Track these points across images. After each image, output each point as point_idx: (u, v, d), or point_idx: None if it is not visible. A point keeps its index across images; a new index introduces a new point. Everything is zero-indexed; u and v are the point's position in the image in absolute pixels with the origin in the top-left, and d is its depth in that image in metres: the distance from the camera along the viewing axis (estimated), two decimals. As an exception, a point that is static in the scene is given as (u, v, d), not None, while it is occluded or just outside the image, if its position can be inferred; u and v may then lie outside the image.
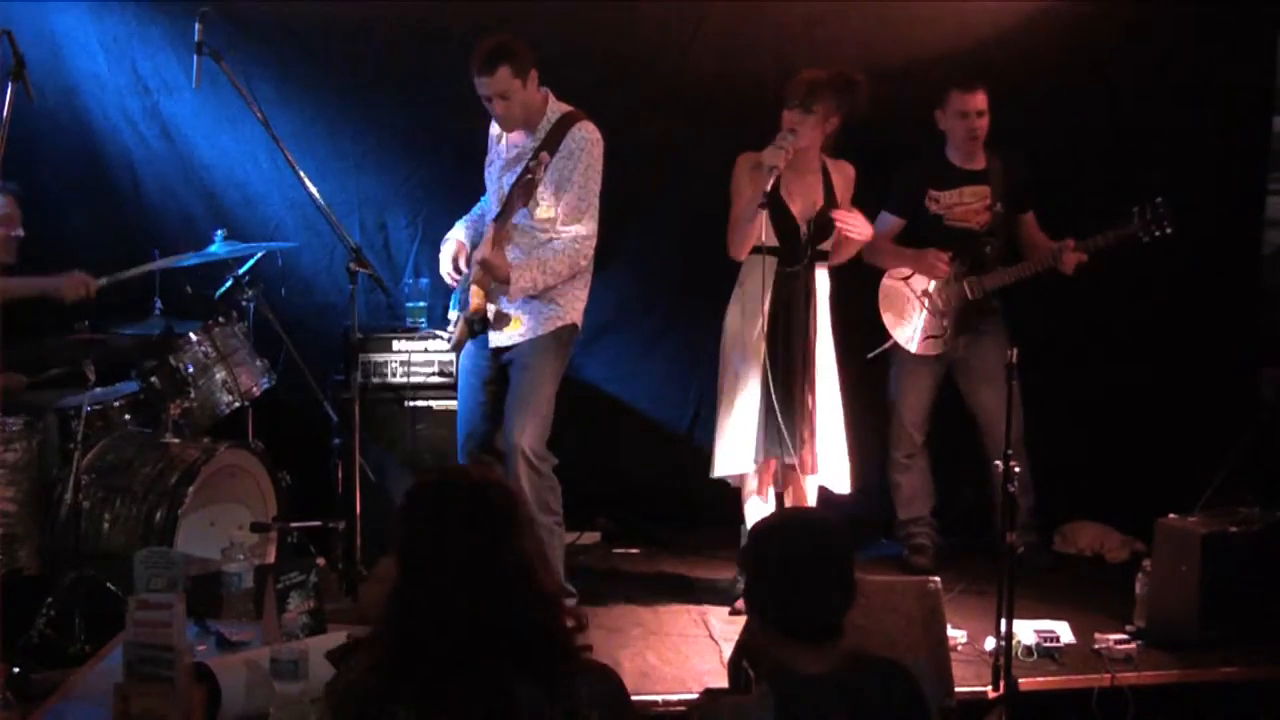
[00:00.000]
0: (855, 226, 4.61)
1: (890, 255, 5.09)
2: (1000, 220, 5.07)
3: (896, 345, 5.12)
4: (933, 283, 5.05)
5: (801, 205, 4.57)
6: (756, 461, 4.60)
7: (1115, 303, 5.46)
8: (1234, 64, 5.49)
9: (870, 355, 5.15)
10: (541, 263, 4.38)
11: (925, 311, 5.05)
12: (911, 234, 5.10)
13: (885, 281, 5.12)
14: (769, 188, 4.39)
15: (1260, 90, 5.57)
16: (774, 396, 4.50)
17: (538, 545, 2.31)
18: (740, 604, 4.63)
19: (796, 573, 2.44)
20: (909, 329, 5.09)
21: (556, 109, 4.45)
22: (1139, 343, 5.55)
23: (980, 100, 4.96)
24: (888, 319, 5.11)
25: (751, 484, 4.68)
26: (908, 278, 5.10)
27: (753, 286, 4.60)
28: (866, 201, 4.86)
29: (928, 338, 5.08)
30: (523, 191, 4.34)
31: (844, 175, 4.71)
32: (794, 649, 2.42)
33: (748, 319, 4.62)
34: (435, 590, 2.21)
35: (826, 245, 4.65)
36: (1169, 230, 4.86)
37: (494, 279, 4.37)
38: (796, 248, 4.54)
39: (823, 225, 4.60)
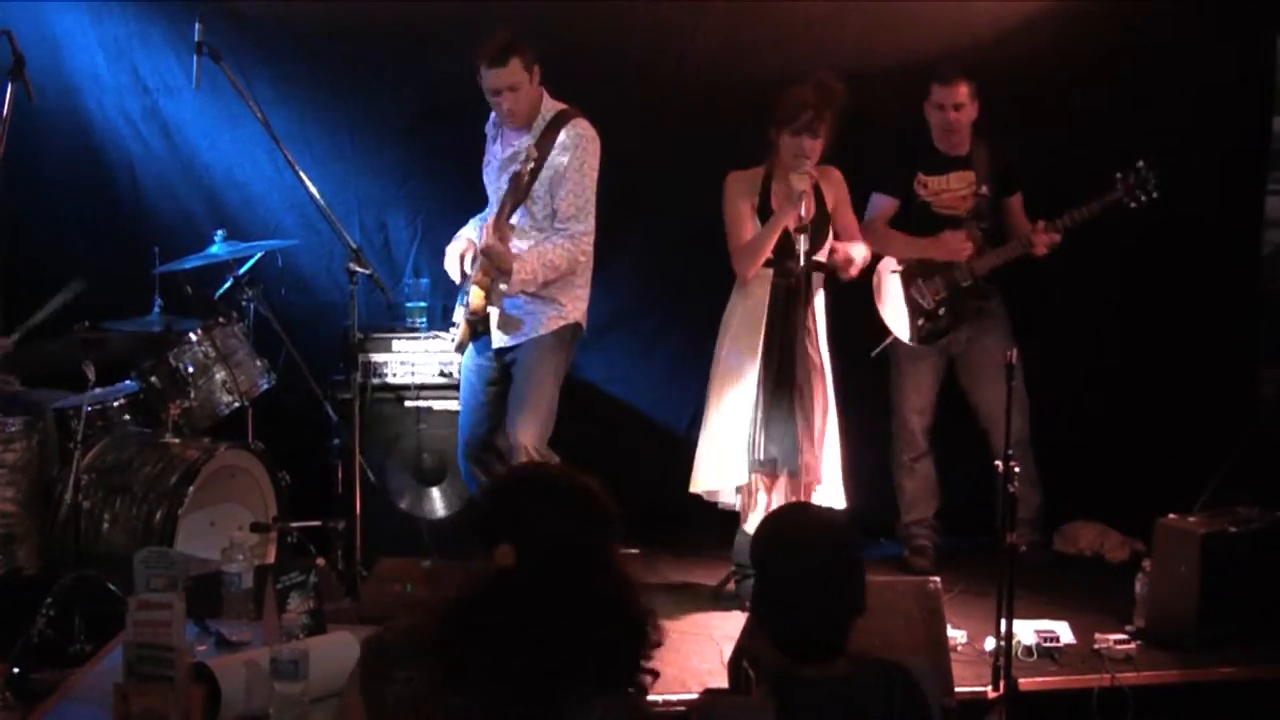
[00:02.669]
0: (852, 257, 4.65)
1: (904, 244, 5.06)
2: (986, 204, 5.06)
3: (897, 340, 5.12)
4: (920, 278, 5.05)
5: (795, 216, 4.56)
6: (746, 478, 4.61)
7: (1115, 302, 5.46)
8: (1234, 64, 5.48)
9: (873, 353, 5.14)
10: (541, 255, 4.38)
11: (917, 300, 5.06)
12: (900, 221, 5.09)
13: (878, 275, 5.11)
14: (803, 212, 4.43)
15: (1260, 90, 5.57)
16: (771, 408, 4.53)
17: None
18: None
19: (801, 592, 2.40)
20: (904, 320, 5.09)
21: (551, 107, 4.47)
22: (1138, 343, 5.55)
23: (958, 94, 4.93)
24: (884, 312, 5.11)
25: (745, 500, 4.67)
26: (898, 269, 5.09)
27: (748, 298, 4.63)
28: (859, 197, 4.87)
29: (922, 324, 5.07)
30: (517, 190, 4.34)
31: (832, 181, 4.70)
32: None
33: (744, 331, 4.64)
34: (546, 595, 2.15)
35: (821, 255, 4.65)
36: (1155, 195, 4.84)
37: (497, 269, 4.36)
38: (792, 258, 4.54)
39: (816, 234, 4.60)
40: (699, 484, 4.73)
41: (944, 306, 5.04)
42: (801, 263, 4.50)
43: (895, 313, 5.09)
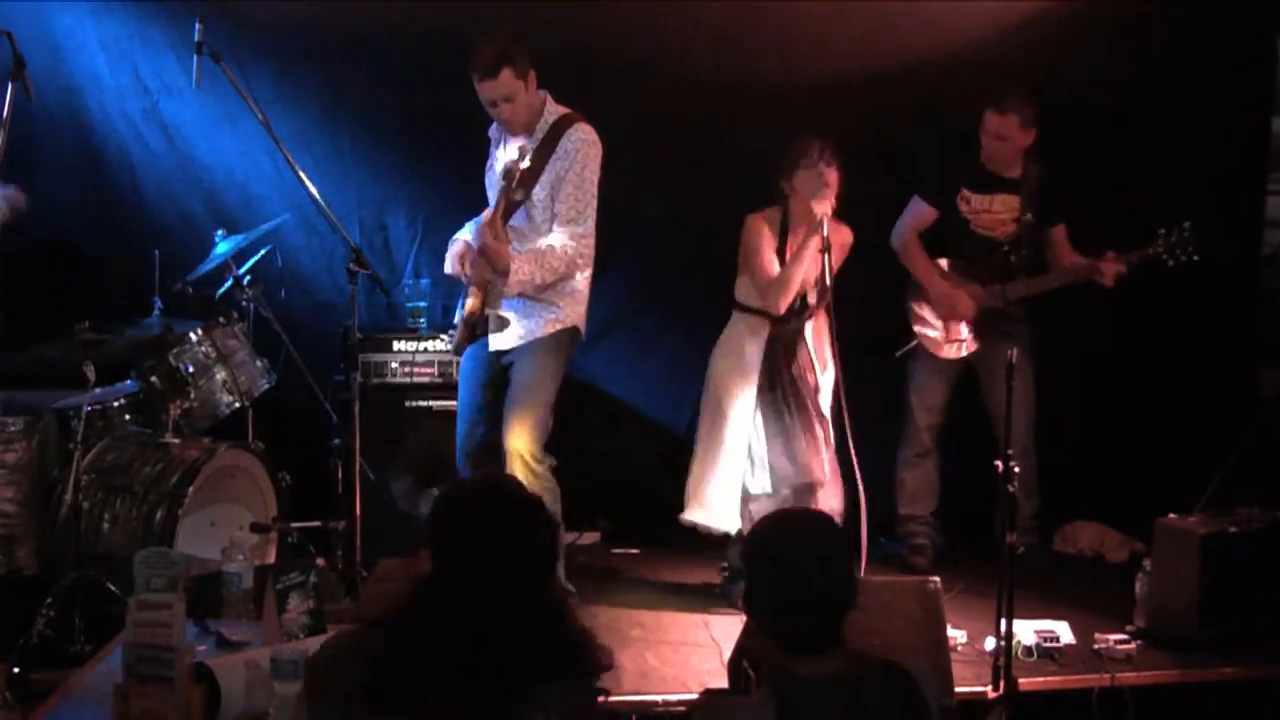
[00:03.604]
0: None
1: (922, 267, 5.06)
2: (1027, 231, 5.04)
3: (921, 345, 5.12)
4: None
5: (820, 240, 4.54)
6: (737, 523, 4.64)
7: (1115, 303, 5.45)
8: (1234, 64, 5.48)
9: (897, 354, 5.16)
10: (539, 256, 4.38)
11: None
12: (937, 231, 5.09)
13: (913, 283, 5.13)
14: (825, 233, 4.44)
15: (1260, 90, 5.57)
16: (771, 439, 4.61)
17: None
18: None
19: (792, 588, 2.43)
20: (934, 331, 5.09)
21: (554, 111, 4.46)
22: (1139, 343, 5.55)
23: (1006, 124, 4.89)
24: (915, 318, 5.12)
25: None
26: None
27: (741, 342, 4.67)
28: (867, 211, 4.86)
29: (951, 341, 5.08)
30: (511, 187, 4.34)
31: (841, 241, 4.65)
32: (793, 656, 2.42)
33: (739, 375, 4.65)
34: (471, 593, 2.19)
35: (824, 305, 4.64)
36: (1195, 256, 4.85)
37: (494, 268, 4.36)
38: (797, 308, 4.57)
39: (823, 287, 4.57)
40: (692, 514, 4.73)
41: (970, 326, 5.06)
42: (817, 291, 4.49)
43: (924, 319, 5.10)
